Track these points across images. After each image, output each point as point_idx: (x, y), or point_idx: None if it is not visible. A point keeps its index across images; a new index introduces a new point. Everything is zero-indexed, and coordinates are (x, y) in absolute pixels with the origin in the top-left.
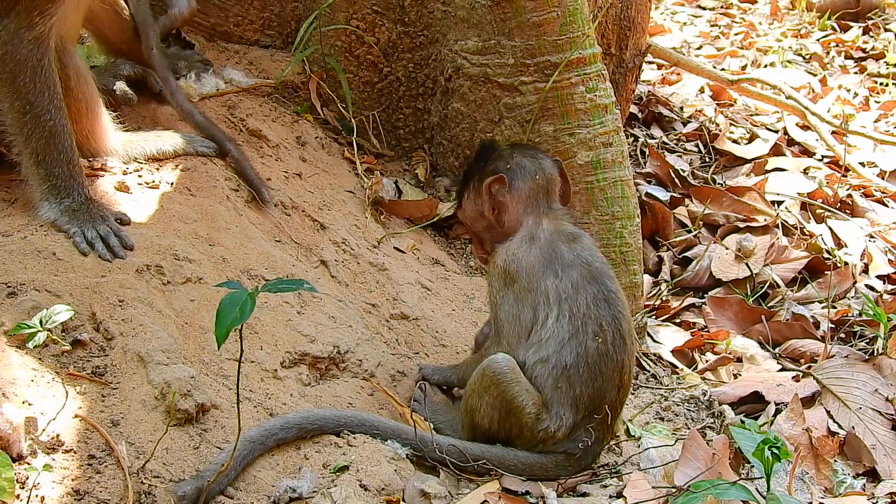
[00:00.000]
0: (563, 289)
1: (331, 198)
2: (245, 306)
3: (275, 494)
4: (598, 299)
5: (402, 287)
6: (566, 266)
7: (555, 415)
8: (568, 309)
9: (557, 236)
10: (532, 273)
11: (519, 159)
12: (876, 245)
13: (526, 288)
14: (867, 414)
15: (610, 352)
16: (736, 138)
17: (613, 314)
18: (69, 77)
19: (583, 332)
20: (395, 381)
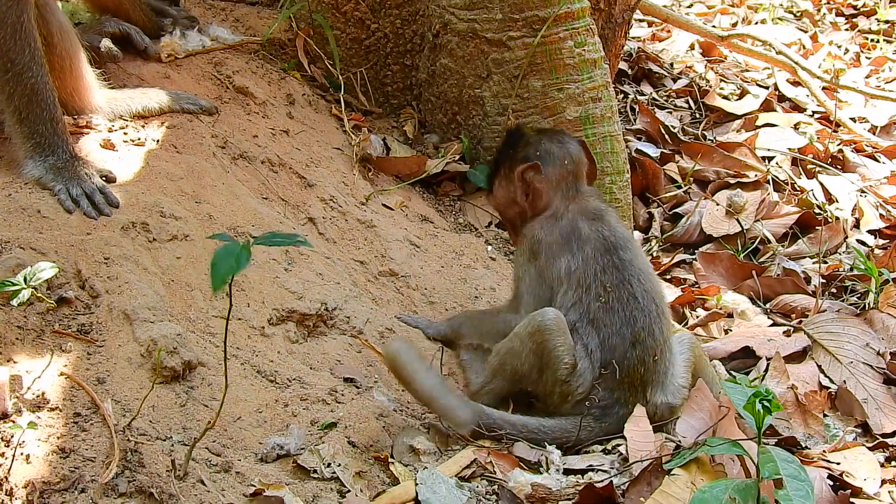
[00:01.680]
0: (574, 264)
1: (318, 155)
2: (241, 256)
3: (262, 451)
4: (606, 267)
5: (390, 244)
6: (582, 242)
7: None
8: (576, 281)
9: (580, 215)
10: (550, 252)
11: (547, 145)
12: (867, 200)
13: (545, 266)
14: (858, 368)
15: (615, 307)
16: (726, 94)
17: (621, 278)
18: (52, 34)
19: (585, 296)
20: (384, 337)
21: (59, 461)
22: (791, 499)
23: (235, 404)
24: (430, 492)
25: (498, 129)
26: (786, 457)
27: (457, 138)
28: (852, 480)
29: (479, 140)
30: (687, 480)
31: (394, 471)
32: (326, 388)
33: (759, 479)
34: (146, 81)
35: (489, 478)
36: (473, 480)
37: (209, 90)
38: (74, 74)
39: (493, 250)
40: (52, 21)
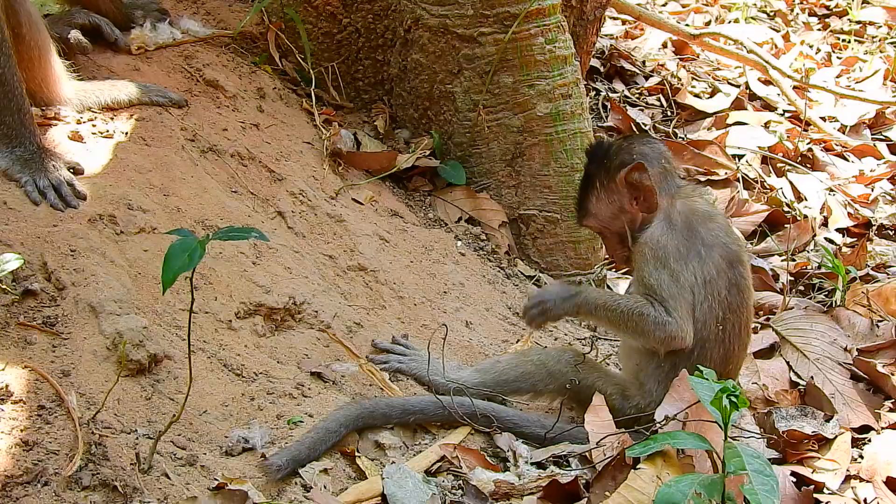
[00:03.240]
0: (707, 271)
1: (288, 149)
2: (194, 253)
3: (227, 445)
4: (731, 285)
5: (359, 238)
6: (707, 247)
7: (648, 391)
8: (710, 292)
9: (693, 216)
10: (678, 256)
11: (640, 147)
12: (835, 198)
13: (676, 270)
14: (826, 364)
15: (726, 341)
16: (697, 92)
17: (740, 302)
18: (20, 24)
19: (712, 315)
20: (352, 332)
21: (23, 454)
22: (756, 493)
23: (201, 398)
24: (397, 486)
25: (469, 125)
26: (751, 452)
27: (428, 133)
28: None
29: (449, 135)
30: (652, 474)
31: (360, 465)
32: (293, 382)
33: (725, 473)
34: (116, 73)
35: (455, 472)
36: (440, 475)
37: (179, 83)
38: (43, 66)
39: (462, 246)
40: (20, 11)
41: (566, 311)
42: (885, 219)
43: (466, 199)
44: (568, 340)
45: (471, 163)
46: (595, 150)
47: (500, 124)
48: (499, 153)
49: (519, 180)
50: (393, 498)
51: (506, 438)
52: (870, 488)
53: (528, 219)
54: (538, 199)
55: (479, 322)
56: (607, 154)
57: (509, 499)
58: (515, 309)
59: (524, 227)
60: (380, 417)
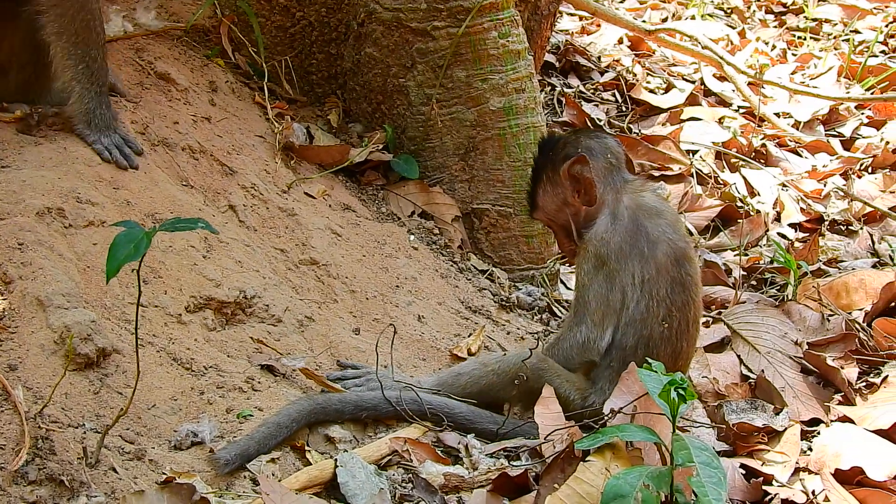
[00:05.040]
0: (647, 271)
1: (240, 142)
2: (140, 244)
3: (176, 439)
4: (675, 283)
5: (311, 232)
6: (651, 243)
7: (599, 390)
8: (648, 292)
9: (640, 212)
10: (620, 254)
11: (586, 141)
12: (788, 194)
13: (615, 269)
14: (776, 357)
15: (672, 338)
16: (652, 88)
17: (685, 300)
18: None
19: (653, 314)
20: (303, 326)
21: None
22: (704, 485)
23: (150, 392)
24: (350, 476)
25: (422, 119)
26: (699, 444)
27: (381, 127)
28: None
29: (403, 129)
30: (601, 467)
31: (309, 458)
32: (243, 376)
33: (673, 466)
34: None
35: (406, 466)
36: (390, 468)
37: (130, 76)
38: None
39: (415, 240)
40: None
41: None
42: (837, 214)
43: (419, 193)
44: (520, 334)
45: (424, 157)
46: (545, 143)
47: (453, 118)
48: (452, 147)
49: (472, 174)
50: (345, 487)
51: (454, 436)
52: (818, 480)
53: (482, 213)
54: (491, 193)
55: (432, 316)
56: (555, 147)
57: (459, 492)
58: (468, 303)
59: (477, 221)
60: (332, 413)
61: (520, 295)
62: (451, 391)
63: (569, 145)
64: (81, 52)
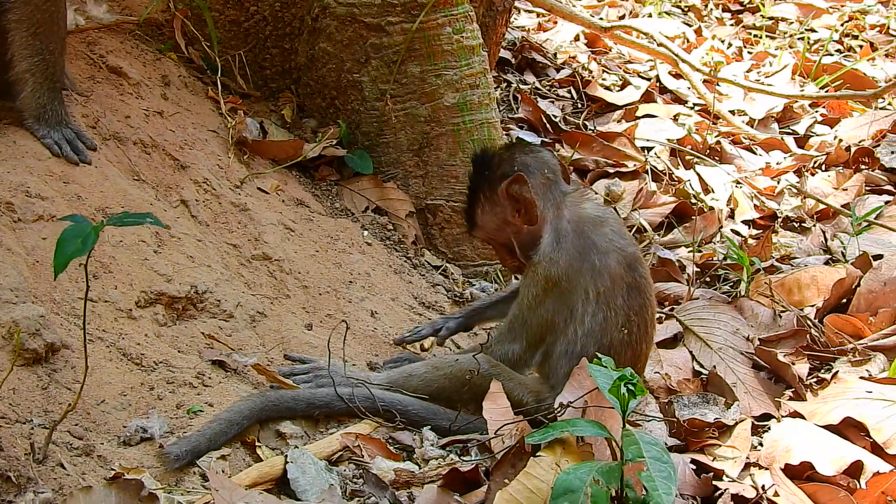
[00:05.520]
0: (602, 283)
1: (193, 137)
2: (88, 238)
3: (125, 435)
4: (631, 288)
5: (264, 228)
6: (602, 254)
7: (556, 395)
8: (605, 303)
9: (584, 224)
10: (571, 272)
11: (522, 157)
12: (742, 191)
13: (567, 289)
14: (728, 353)
15: (633, 342)
16: (608, 85)
17: (641, 303)
18: None
19: (612, 323)
20: (255, 321)
21: None
22: (654, 480)
23: (99, 387)
24: (300, 472)
25: (376, 114)
26: (649, 439)
27: (335, 123)
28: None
29: (357, 125)
30: (552, 462)
31: (260, 454)
32: (194, 371)
33: (623, 461)
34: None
35: (357, 462)
36: (341, 464)
37: (81, 70)
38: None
39: (368, 235)
40: None
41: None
42: (790, 211)
43: (373, 188)
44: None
45: (378, 152)
46: (479, 160)
47: (407, 114)
48: (406, 143)
49: (426, 170)
50: (295, 482)
51: (407, 435)
52: (768, 475)
53: (436, 209)
54: (445, 188)
55: (385, 311)
56: (490, 165)
57: (410, 487)
58: (422, 299)
59: (431, 217)
60: (284, 410)
61: (473, 291)
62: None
63: (504, 163)
64: (40, 45)
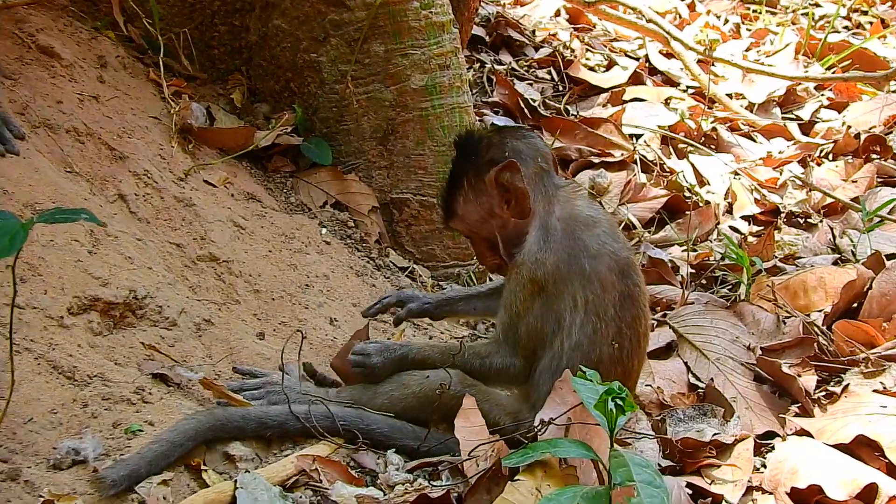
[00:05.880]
0: (591, 291)
1: (132, 124)
2: (16, 237)
3: (55, 457)
4: (623, 297)
5: (211, 225)
6: (592, 258)
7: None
8: (594, 313)
9: (574, 224)
10: (559, 276)
11: (513, 143)
12: (741, 183)
13: (553, 294)
14: (727, 364)
15: (623, 358)
16: (592, 65)
17: (634, 314)
18: None
19: (602, 336)
20: (201, 330)
21: None
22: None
23: (27, 404)
24: (251, 498)
25: (336, 98)
26: (640, 461)
27: (290, 108)
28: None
29: (314, 110)
30: (531, 486)
31: (206, 479)
32: (132, 386)
33: (611, 485)
34: None
35: (314, 487)
36: (297, 490)
37: (8, 49)
38: None
39: (327, 233)
40: None
41: (391, 368)
42: (794, 205)
43: (333, 181)
44: (444, 339)
45: (338, 141)
46: (464, 142)
47: (370, 98)
48: (369, 130)
49: (391, 160)
50: None
51: (370, 457)
52: (772, 500)
53: (402, 203)
54: (412, 181)
55: (346, 318)
56: (477, 148)
57: None
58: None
59: (397, 212)
60: (233, 430)
61: None
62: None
63: (494, 147)
64: None
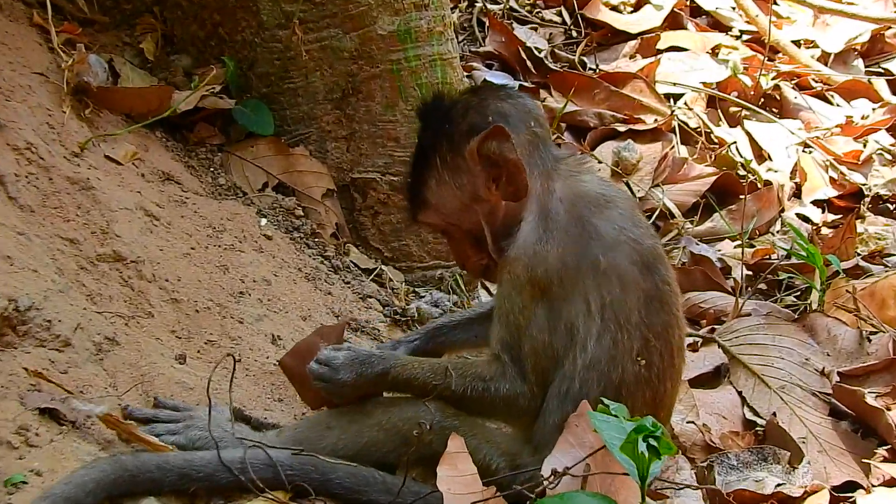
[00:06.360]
0: (608, 290)
1: (11, 83)
2: None
3: None
4: (650, 298)
5: (115, 214)
6: (608, 248)
7: (539, 458)
8: (613, 320)
9: (582, 205)
10: (565, 274)
11: (496, 105)
12: (812, 157)
13: (559, 297)
14: (794, 394)
15: (652, 379)
16: (616, 4)
17: (665, 321)
18: None
19: (624, 349)
20: (102, 352)
21: None
22: None
23: None
24: None
25: (278, 49)
26: None
27: (218, 61)
28: None
29: (250, 63)
30: None
31: None
32: (13, 424)
33: None
34: None
35: None
36: None
37: None
38: None
39: (268, 225)
40: None
41: (364, 387)
42: (881, 187)
43: (275, 156)
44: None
45: (281, 104)
46: (431, 109)
47: (324, 47)
48: (323, 89)
49: (352, 129)
50: None
51: None
52: None
53: (366, 185)
54: (380, 156)
55: (293, 336)
56: (449, 115)
57: None
58: (347, 317)
59: (360, 197)
60: (146, 483)
61: (422, 305)
62: (317, 451)
63: (472, 112)
64: None
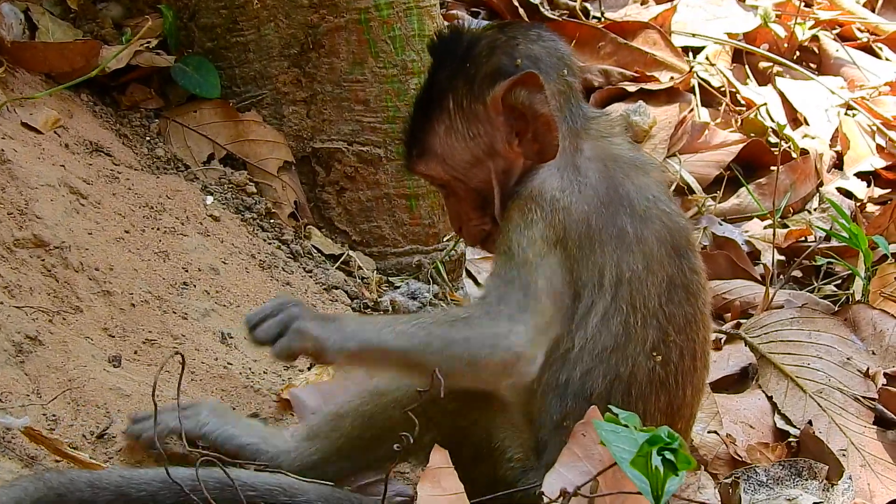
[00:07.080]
0: (630, 265)
1: None
2: None
3: None
4: (673, 285)
5: (35, 192)
6: (637, 219)
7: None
8: (627, 300)
9: (615, 168)
10: (585, 232)
11: (527, 47)
12: (856, 121)
13: (573, 258)
14: (833, 399)
15: (669, 382)
16: None
17: (690, 315)
18: None
19: (637, 339)
20: (23, 353)
21: None
22: None
23: None
24: None
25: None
26: None
27: (154, 10)
28: None
29: (192, 13)
30: None
31: None
32: None
33: None
34: None
35: None
36: None
37: None
38: None
39: (215, 203)
40: None
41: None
42: None
43: (222, 123)
44: None
45: (229, 60)
46: (447, 44)
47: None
48: (278, 44)
49: (313, 90)
50: None
51: None
52: None
53: (330, 157)
54: (346, 122)
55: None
56: (469, 53)
57: None
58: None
59: (323, 171)
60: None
61: (397, 297)
62: (332, 445)
63: (498, 51)
64: None
